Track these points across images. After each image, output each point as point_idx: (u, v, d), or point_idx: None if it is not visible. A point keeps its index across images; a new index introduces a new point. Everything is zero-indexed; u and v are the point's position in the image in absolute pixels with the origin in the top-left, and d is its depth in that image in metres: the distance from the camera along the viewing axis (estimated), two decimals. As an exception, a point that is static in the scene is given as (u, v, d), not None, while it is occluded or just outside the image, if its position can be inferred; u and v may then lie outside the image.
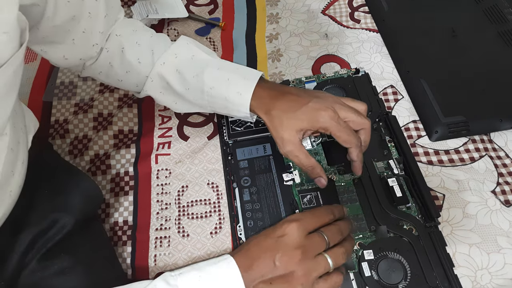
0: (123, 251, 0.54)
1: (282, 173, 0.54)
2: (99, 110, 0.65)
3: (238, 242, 0.51)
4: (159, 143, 0.62)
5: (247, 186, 0.54)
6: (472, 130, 0.58)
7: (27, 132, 0.48)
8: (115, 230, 0.55)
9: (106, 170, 0.60)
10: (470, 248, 0.49)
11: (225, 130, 0.60)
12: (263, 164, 0.56)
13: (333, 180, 0.54)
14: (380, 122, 0.59)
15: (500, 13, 0.70)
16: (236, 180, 0.55)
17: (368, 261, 0.47)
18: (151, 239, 0.54)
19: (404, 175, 0.53)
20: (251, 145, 0.58)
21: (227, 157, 0.58)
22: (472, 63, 0.64)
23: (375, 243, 0.49)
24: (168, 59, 0.52)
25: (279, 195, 0.53)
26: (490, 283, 0.47)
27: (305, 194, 0.53)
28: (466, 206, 0.52)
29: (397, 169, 0.54)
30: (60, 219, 0.46)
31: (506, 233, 0.50)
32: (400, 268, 0.47)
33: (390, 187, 0.52)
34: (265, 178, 0.55)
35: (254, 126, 0.59)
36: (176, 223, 0.55)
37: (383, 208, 0.51)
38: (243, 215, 0.52)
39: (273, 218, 0.52)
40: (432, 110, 0.59)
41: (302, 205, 0.52)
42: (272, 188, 0.54)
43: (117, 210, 0.57)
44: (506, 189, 0.53)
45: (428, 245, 0.48)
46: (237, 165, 0.56)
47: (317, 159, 0.56)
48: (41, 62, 0.74)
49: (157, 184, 0.58)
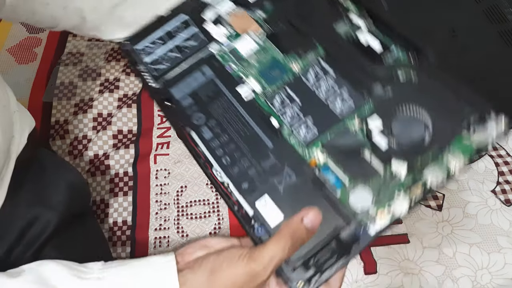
0: (122, 251, 0.53)
1: (236, 89, 0.44)
2: (99, 110, 0.65)
3: (225, 190, 0.40)
4: (158, 144, 0.62)
5: (203, 123, 0.43)
6: (472, 130, 0.58)
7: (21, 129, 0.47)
8: (114, 230, 0.55)
9: (105, 170, 0.60)
10: (471, 248, 0.49)
11: (147, 76, 0.47)
12: (210, 90, 0.45)
13: (299, 68, 0.43)
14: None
15: (500, 13, 0.70)
16: (188, 124, 0.44)
17: (379, 132, 0.38)
18: (150, 239, 0.54)
19: (373, 23, 0.44)
20: (186, 75, 0.46)
21: (164, 107, 0.45)
22: (472, 63, 0.64)
23: (377, 109, 0.39)
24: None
25: (244, 114, 0.43)
26: (490, 283, 0.47)
27: (272, 98, 0.42)
28: (466, 205, 0.52)
29: (363, 23, 0.45)
30: (41, 214, 0.45)
31: (507, 232, 0.50)
32: (416, 120, 0.37)
33: (365, 46, 0.43)
34: (220, 104, 0.44)
35: (180, 53, 0.47)
36: (175, 223, 0.55)
37: (367, 72, 0.41)
38: (214, 155, 0.42)
39: (250, 142, 0.41)
40: (432, 110, 0.59)
41: (277, 113, 0.42)
42: (233, 111, 0.43)
43: (116, 210, 0.57)
44: (506, 188, 0.53)
45: (433, 80, 0.39)
46: (181, 106, 0.44)
47: (271, 55, 0.45)
48: (41, 62, 0.74)
49: (156, 184, 0.58)
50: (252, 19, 0.47)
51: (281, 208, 0.37)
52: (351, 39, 0.44)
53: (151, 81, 0.47)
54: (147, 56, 0.47)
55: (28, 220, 0.44)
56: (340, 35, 0.44)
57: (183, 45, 0.47)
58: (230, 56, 0.45)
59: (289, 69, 0.43)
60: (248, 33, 0.46)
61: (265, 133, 0.40)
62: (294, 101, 0.41)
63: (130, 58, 0.48)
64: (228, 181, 0.40)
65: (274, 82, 0.43)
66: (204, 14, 0.48)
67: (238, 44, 0.45)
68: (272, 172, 0.39)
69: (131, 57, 0.48)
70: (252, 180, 0.39)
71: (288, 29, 0.43)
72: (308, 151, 0.38)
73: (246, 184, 0.39)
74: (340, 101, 0.40)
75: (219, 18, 0.48)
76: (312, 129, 0.39)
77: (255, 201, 0.38)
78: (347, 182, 0.36)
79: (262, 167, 0.39)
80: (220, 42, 0.46)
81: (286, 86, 0.43)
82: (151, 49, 0.48)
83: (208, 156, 0.42)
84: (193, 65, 0.46)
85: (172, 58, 0.47)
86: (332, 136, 0.39)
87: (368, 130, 0.38)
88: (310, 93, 0.42)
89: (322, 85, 0.42)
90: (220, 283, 0.34)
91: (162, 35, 0.48)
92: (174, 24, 0.49)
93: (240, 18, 0.47)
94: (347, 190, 0.36)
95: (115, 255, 0.53)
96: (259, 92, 0.43)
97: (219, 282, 0.34)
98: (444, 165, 0.34)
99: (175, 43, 0.47)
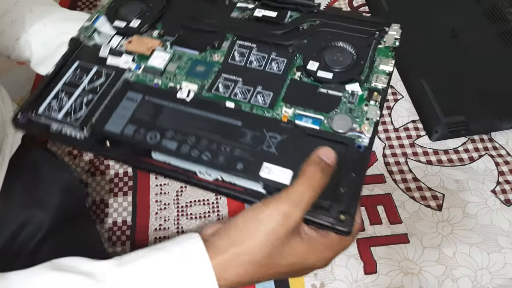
0: (122, 251, 0.54)
1: (177, 96, 0.41)
2: (99, 111, 0.65)
3: (223, 185, 0.37)
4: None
5: (160, 139, 0.38)
6: (472, 130, 0.58)
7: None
8: (114, 230, 0.55)
9: (105, 170, 0.60)
10: (471, 248, 0.49)
11: (68, 130, 0.39)
12: (149, 109, 0.40)
13: (220, 57, 0.43)
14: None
15: (500, 13, 0.70)
16: (144, 148, 0.38)
17: (319, 70, 0.40)
18: (150, 239, 0.54)
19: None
20: (113, 109, 0.40)
21: (108, 150, 0.39)
22: (472, 63, 0.64)
23: (306, 54, 0.41)
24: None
25: (198, 112, 0.40)
26: (490, 283, 0.46)
27: (215, 88, 0.41)
28: (466, 205, 0.52)
29: (251, 4, 0.46)
30: (34, 215, 0.45)
31: (507, 233, 0.50)
32: (338, 47, 0.41)
33: (263, 18, 0.45)
34: (167, 115, 0.40)
35: (93, 93, 0.41)
36: (175, 223, 0.55)
37: (278, 33, 0.44)
38: (191, 159, 0.37)
39: (220, 131, 0.38)
40: (432, 110, 0.59)
41: (228, 96, 0.40)
42: (185, 115, 0.39)
43: (116, 210, 0.57)
44: (506, 188, 0.53)
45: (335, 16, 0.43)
46: (126, 137, 0.38)
47: (187, 57, 0.43)
48: (41, 63, 0.74)
49: (156, 184, 0.58)
50: (149, 38, 0.45)
51: (285, 166, 0.36)
52: (251, 18, 0.45)
53: (75, 133, 0.40)
54: (56, 113, 0.40)
55: (20, 221, 0.44)
56: (240, 19, 0.46)
57: (92, 87, 0.42)
58: (148, 74, 0.42)
59: (212, 62, 0.43)
60: (155, 49, 0.44)
61: (229, 117, 0.40)
62: (236, 81, 0.42)
63: (35, 128, 0.40)
64: (220, 174, 0.37)
65: (206, 76, 0.42)
66: (97, 54, 0.44)
67: (150, 61, 0.43)
68: (257, 142, 0.38)
69: (36, 125, 0.40)
70: (243, 158, 0.37)
71: (188, 32, 0.43)
72: (275, 112, 0.40)
73: (240, 164, 0.37)
74: (275, 63, 0.43)
75: (115, 50, 0.45)
76: (267, 94, 0.41)
77: (259, 173, 0.36)
78: (322, 116, 0.39)
79: (244, 143, 0.38)
80: (130, 69, 0.42)
81: (221, 73, 0.42)
82: (57, 105, 0.41)
83: (185, 165, 0.38)
84: (115, 97, 0.41)
85: (88, 101, 0.41)
86: (286, 90, 0.41)
87: (310, 72, 0.41)
88: (245, 69, 0.43)
89: (252, 59, 0.44)
90: (253, 233, 0.30)
91: (61, 87, 0.42)
92: (69, 72, 0.43)
93: (137, 42, 0.45)
94: (327, 123, 0.38)
95: (115, 255, 0.53)
96: (199, 89, 0.41)
97: (253, 233, 0.30)
98: (379, 68, 0.41)
99: (82, 88, 0.42)
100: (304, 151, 0.36)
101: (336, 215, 0.33)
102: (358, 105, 0.39)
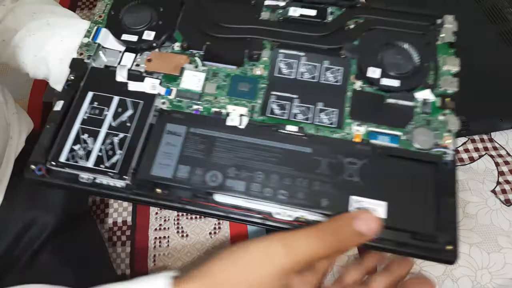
0: (122, 251, 0.54)
1: (226, 124, 0.35)
2: (99, 111, 0.65)
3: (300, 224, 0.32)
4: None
5: (223, 179, 0.33)
6: (472, 130, 0.58)
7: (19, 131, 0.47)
8: (114, 230, 0.55)
9: (106, 170, 0.60)
10: (471, 247, 0.49)
11: (105, 181, 0.34)
12: (197, 144, 0.34)
13: (263, 70, 0.37)
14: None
15: (500, 13, 0.70)
16: (204, 192, 0.33)
17: (381, 77, 0.35)
18: (150, 239, 0.54)
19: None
20: (154, 150, 0.34)
21: (161, 198, 0.33)
22: (472, 63, 0.64)
23: (361, 60, 0.37)
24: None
25: (257, 141, 0.34)
26: (490, 283, 0.47)
27: (268, 109, 0.35)
28: (466, 205, 0.52)
29: (281, 2, 0.40)
30: (39, 217, 0.45)
31: (507, 232, 0.50)
32: (396, 48, 0.37)
33: (301, 19, 0.39)
34: (221, 149, 0.34)
35: (123, 131, 0.34)
36: (175, 223, 0.55)
37: (324, 36, 0.38)
38: (266, 198, 0.32)
39: (287, 162, 0.33)
40: (432, 110, 0.59)
41: (285, 118, 0.35)
42: (242, 147, 0.34)
43: (116, 210, 0.57)
44: (506, 188, 0.53)
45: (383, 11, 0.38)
46: (179, 181, 0.33)
47: (224, 74, 0.37)
48: (41, 63, 0.74)
49: (156, 184, 0.58)
50: (172, 54, 0.38)
51: (374, 197, 0.31)
52: (286, 19, 0.39)
53: (115, 184, 0.33)
54: (85, 160, 0.33)
55: (25, 222, 0.44)
56: (272, 21, 0.39)
57: (119, 122, 0.34)
58: (184, 99, 0.36)
59: (255, 76, 0.36)
60: (183, 67, 0.37)
61: (293, 144, 0.34)
62: (290, 98, 0.36)
63: (58, 180, 0.34)
64: (301, 213, 0.32)
65: (253, 96, 0.36)
66: (112, 78, 0.36)
67: (183, 83, 0.36)
68: (335, 171, 0.33)
69: (60, 177, 0.34)
70: (325, 192, 0.32)
71: (216, 43, 0.37)
72: (344, 131, 0.34)
73: (325, 201, 0.32)
74: (330, 73, 0.37)
75: (134, 72, 0.37)
76: (331, 111, 0.35)
77: (348, 209, 0.31)
78: (399, 132, 0.34)
79: (321, 174, 0.33)
80: (160, 94, 0.36)
81: (271, 91, 0.36)
82: (81, 151, 0.33)
83: (258, 207, 0.33)
84: (153, 133, 0.34)
85: (120, 141, 0.34)
86: (351, 104, 0.35)
87: (371, 80, 0.35)
88: (297, 83, 0.36)
89: (302, 69, 0.37)
90: (230, 267, 0.27)
91: (79, 127, 0.34)
92: (84, 106, 0.35)
93: (158, 59, 0.37)
94: (406, 139, 0.33)
95: (115, 255, 0.53)
96: (249, 112, 0.35)
97: (230, 267, 0.27)
98: (443, 69, 0.36)
99: (107, 125, 0.34)
100: (389, 176, 0.32)
101: (441, 246, 0.30)
102: (434, 115, 0.34)
